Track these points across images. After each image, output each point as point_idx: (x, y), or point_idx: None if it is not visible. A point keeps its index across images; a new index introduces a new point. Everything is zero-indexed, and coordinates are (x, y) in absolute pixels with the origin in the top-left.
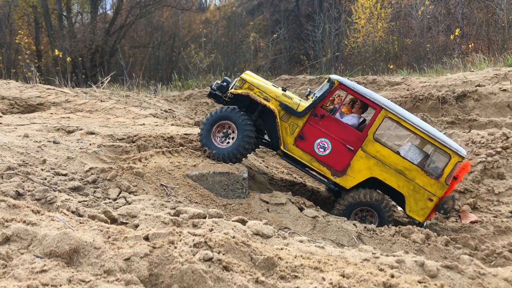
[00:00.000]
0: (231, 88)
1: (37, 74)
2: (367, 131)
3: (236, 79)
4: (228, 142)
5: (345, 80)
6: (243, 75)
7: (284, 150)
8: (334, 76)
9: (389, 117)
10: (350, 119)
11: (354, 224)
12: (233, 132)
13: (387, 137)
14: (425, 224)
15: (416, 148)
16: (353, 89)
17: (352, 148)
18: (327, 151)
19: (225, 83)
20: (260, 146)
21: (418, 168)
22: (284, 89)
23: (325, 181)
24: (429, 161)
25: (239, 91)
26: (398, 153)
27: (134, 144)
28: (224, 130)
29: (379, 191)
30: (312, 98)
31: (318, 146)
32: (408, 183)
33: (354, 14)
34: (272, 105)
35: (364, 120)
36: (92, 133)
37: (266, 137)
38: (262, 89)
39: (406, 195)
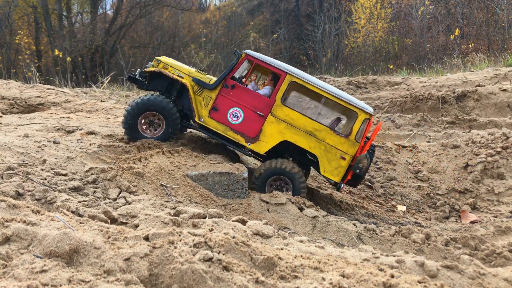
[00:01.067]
0: (145, 68)
1: (37, 74)
2: (275, 96)
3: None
4: (156, 130)
5: (251, 52)
6: (159, 57)
7: (200, 122)
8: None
9: (294, 81)
10: (262, 90)
11: (354, 224)
12: (159, 119)
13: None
14: (342, 186)
15: (324, 111)
16: (258, 59)
17: (262, 114)
18: (240, 120)
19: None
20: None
21: (327, 128)
22: (199, 69)
23: (241, 150)
24: (339, 121)
25: (152, 69)
26: (307, 115)
27: (134, 144)
28: (150, 119)
29: (290, 159)
30: None
31: (231, 116)
32: (319, 144)
33: (354, 14)
34: (185, 81)
35: None
36: (92, 133)
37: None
38: (176, 67)
39: (318, 155)
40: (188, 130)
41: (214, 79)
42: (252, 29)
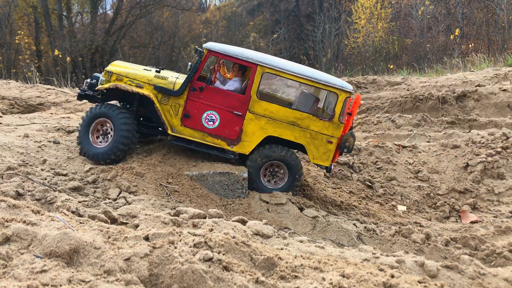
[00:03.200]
0: (99, 85)
1: (37, 74)
2: (249, 92)
3: (101, 75)
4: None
5: (213, 46)
6: (108, 67)
7: (174, 134)
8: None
9: (267, 72)
10: (232, 84)
11: (354, 224)
12: (111, 129)
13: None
14: (332, 167)
15: (303, 96)
16: (224, 53)
17: (240, 113)
18: (217, 123)
19: (94, 80)
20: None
21: (309, 115)
22: (158, 70)
23: (225, 155)
24: (320, 104)
25: (106, 86)
26: (287, 106)
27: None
28: (104, 128)
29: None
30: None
31: (206, 120)
32: (304, 132)
33: (354, 14)
34: (146, 91)
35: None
36: None
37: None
38: (132, 77)
39: (305, 144)
40: None
41: (178, 81)
42: (252, 29)
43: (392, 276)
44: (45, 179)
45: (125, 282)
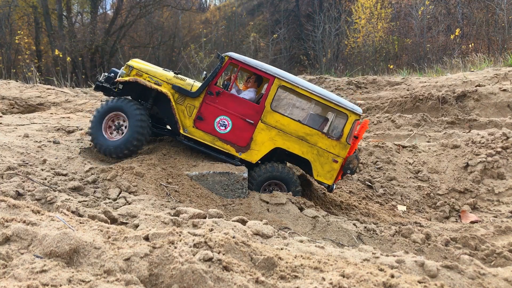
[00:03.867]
0: (118, 77)
1: (37, 74)
2: (264, 102)
3: (122, 68)
4: (123, 133)
5: (234, 54)
6: (130, 62)
7: (185, 134)
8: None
9: (283, 86)
10: (247, 94)
11: (354, 224)
12: (124, 121)
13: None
14: (334, 186)
15: (314, 114)
16: (244, 62)
17: (252, 122)
18: (228, 128)
19: (112, 74)
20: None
21: (318, 132)
22: (176, 73)
23: (231, 160)
24: (329, 124)
25: (126, 78)
26: (298, 120)
27: None
28: (116, 122)
29: (286, 164)
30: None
31: (219, 125)
32: (311, 148)
33: (354, 14)
34: (164, 89)
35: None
36: None
37: (168, 127)
38: (152, 74)
39: (311, 160)
40: None
41: (196, 84)
42: (252, 29)
43: (392, 276)
44: (45, 179)
45: (125, 282)
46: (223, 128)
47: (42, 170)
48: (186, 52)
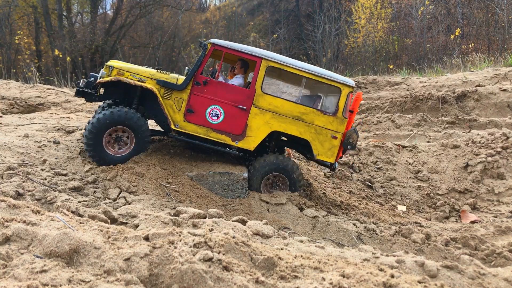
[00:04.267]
0: (99, 79)
1: (37, 74)
2: (254, 85)
3: (101, 70)
4: (120, 148)
5: (217, 40)
6: (109, 62)
7: (177, 129)
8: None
9: (272, 66)
10: (235, 81)
11: (354, 224)
12: (123, 132)
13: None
14: (336, 165)
15: (306, 92)
16: (228, 47)
17: (245, 107)
18: (221, 118)
19: (92, 79)
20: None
21: (313, 109)
22: (159, 69)
23: (228, 150)
24: (322, 100)
25: (108, 79)
26: (291, 100)
27: None
28: (114, 135)
29: (286, 156)
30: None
31: (210, 115)
32: (308, 128)
33: (354, 14)
34: (149, 85)
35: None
36: None
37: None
38: (134, 71)
39: (310, 139)
40: None
41: (180, 77)
42: (252, 29)
43: (392, 276)
44: (45, 179)
45: (125, 282)
46: (216, 118)
47: (42, 170)
48: (186, 52)
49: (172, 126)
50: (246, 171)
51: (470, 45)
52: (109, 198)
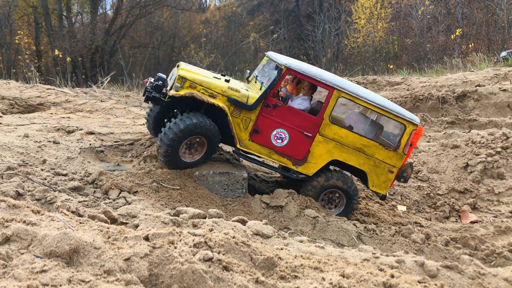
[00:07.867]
0: (170, 89)
1: (37, 74)
2: (323, 114)
3: (173, 76)
4: (192, 153)
5: (292, 64)
6: (181, 72)
7: (241, 148)
8: (272, 55)
9: (343, 97)
10: (302, 103)
11: (354, 224)
12: (197, 139)
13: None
14: (387, 195)
15: (370, 121)
16: (303, 73)
17: (310, 135)
18: (285, 142)
19: (160, 82)
20: None
21: (376, 143)
22: (227, 80)
23: (288, 174)
24: (384, 132)
25: (182, 93)
26: (354, 131)
27: (134, 144)
28: (190, 141)
29: (348, 174)
30: (253, 80)
31: (275, 138)
32: (368, 160)
33: (354, 14)
34: (220, 102)
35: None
36: (92, 133)
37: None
38: (206, 86)
39: (367, 171)
40: None
41: (251, 94)
42: (252, 29)
43: (392, 276)
44: (45, 179)
45: (125, 282)
46: (280, 141)
47: (42, 170)
48: (186, 52)
49: (238, 145)
50: (246, 171)
51: (470, 45)
52: (109, 198)
